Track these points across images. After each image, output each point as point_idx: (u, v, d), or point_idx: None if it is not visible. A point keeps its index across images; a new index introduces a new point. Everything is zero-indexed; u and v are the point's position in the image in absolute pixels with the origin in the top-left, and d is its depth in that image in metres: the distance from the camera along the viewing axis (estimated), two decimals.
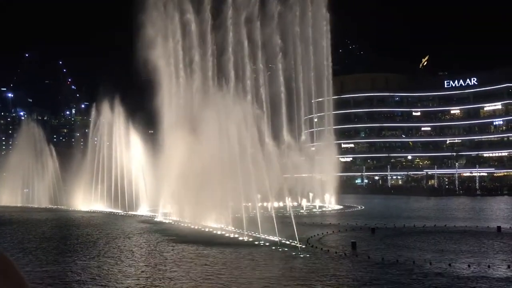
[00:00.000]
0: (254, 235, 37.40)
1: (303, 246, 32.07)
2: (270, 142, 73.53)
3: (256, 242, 34.58)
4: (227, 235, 39.28)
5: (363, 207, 70.15)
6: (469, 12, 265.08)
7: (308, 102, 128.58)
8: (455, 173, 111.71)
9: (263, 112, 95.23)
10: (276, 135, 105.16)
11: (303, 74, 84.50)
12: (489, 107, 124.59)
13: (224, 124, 45.19)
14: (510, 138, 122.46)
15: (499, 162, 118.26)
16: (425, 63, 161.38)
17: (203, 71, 74.07)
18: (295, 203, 72.43)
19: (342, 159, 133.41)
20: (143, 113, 75.26)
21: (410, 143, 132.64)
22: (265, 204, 56.32)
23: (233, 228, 41.19)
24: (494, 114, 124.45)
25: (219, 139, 45.79)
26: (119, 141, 74.60)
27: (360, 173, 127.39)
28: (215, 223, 45.21)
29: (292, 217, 40.91)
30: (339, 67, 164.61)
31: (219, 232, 40.79)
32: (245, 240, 36.41)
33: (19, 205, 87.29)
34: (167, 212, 56.86)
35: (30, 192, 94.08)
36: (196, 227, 44.48)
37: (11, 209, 77.39)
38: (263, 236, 35.92)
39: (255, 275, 23.58)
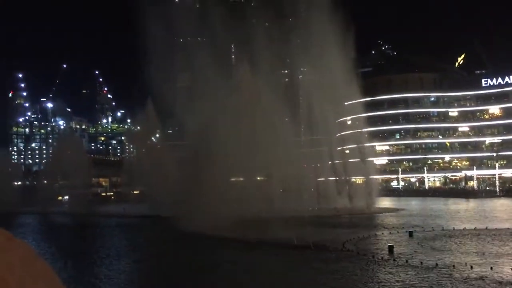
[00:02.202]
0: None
1: (341, 250, 31.86)
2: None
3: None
4: None
5: (400, 210, 68.92)
6: (506, 7, 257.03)
7: (340, 105, 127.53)
8: (495, 174, 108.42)
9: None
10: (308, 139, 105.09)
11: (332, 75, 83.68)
12: None
13: None
14: None
15: None
16: (461, 61, 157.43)
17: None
18: (331, 206, 71.74)
19: (377, 162, 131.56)
20: None
21: (447, 143, 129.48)
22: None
23: None
24: None
25: None
26: None
27: (396, 176, 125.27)
28: None
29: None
30: (372, 68, 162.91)
31: None
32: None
33: None
34: None
35: None
36: None
37: None
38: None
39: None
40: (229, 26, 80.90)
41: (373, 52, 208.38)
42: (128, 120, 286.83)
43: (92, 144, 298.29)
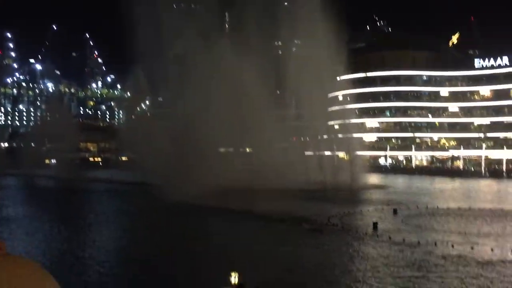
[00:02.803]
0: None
1: (326, 224, 32.29)
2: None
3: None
4: None
5: (386, 187, 69.68)
6: None
7: (333, 79, 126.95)
8: (481, 155, 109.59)
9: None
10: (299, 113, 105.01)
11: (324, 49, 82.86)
12: None
13: None
14: None
15: None
16: (455, 41, 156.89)
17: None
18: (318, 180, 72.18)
19: (366, 138, 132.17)
20: None
21: (437, 123, 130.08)
22: None
23: None
24: None
25: None
26: None
27: (384, 153, 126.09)
28: None
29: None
30: (365, 44, 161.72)
31: None
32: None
33: None
34: None
35: None
36: None
37: None
38: None
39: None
40: None
41: (367, 27, 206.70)
42: (118, 86, 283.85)
43: (81, 109, 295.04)
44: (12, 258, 1.49)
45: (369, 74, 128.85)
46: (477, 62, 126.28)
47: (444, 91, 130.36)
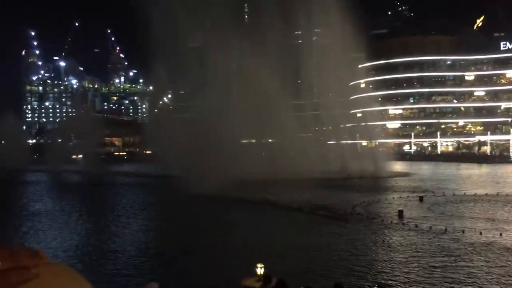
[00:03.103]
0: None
1: (351, 213, 32.13)
2: None
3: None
4: None
5: (411, 174, 68.83)
6: None
7: (354, 67, 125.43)
8: (509, 140, 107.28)
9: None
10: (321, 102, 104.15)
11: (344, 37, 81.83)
12: None
13: None
14: None
15: None
16: (480, 24, 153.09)
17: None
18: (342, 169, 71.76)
19: (390, 126, 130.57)
20: None
21: (462, 108, 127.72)
22: None
23: None
24: None
25: None
26: None
27: (408, 140, 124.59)
28: None
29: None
30: (387, 30, 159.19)
31: None
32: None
33: None
34: None
35: None
36: None
37: None
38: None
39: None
40: None
41: (389, 13, 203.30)
42: (141, 80, 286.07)
43: (105, 104, 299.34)
44: (53, 266, 1.53)
45: (392, 60, 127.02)
46: (503, 45, 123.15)
47: (470, 75, 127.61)
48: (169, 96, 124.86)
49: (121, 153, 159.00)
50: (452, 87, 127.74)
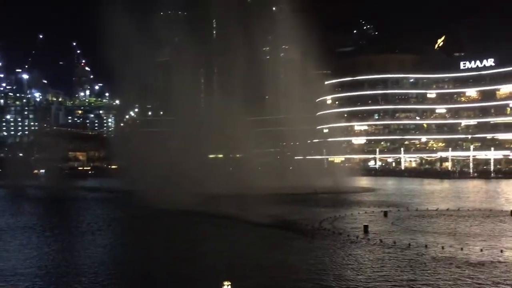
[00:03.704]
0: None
1: (318, 228, 32.46)
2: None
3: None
4: None
5: (376, 190, 70.07)
6: None
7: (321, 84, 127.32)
8: (469, 156, 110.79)
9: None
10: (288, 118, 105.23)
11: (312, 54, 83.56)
12: (505, 88, 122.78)
13: None
14: None
15: None
16: (441, 43, 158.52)
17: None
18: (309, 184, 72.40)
19: (356, 141, 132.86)
20: None
21: (425, 125, 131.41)
22: None
23: None
24: (510, 96, 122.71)
25: None
26: None
27: (373, 155, 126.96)
28: None
29: None
30: (353, 48, 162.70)
31: None
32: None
33: None
34: None
35: None
36: None
37: None
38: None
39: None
40: (211, 1, 79.92)
41: (354, 31, 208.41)
42: (107, 94, 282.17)
43: (69, 117, 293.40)
44: None
45: (357, 77, 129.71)
46: (463, 64, 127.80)
47: (431, 93, 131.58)
48: (136, 110, 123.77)
49: (85, 168, 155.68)
50: (415, 105, 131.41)
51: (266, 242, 29.12)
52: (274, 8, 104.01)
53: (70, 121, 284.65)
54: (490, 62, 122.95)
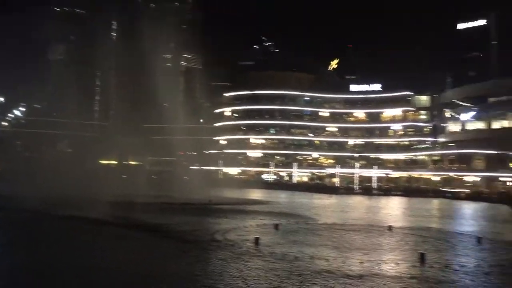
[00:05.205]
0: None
1: (210, 240, 32.37)
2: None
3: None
4: None
5: (269, 203, 71.82)
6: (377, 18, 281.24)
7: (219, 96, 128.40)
8: (355, 173, 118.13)
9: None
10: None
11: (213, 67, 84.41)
12: (389, 112, 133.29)
13: None
14: (405, 143, 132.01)
15: (395, 164, 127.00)
16: (335, 66, 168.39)
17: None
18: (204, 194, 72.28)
19: (252, 154, 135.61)
20: None
21: (317, 142, 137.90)
22: None
23: None
24: (393, 119, 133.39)
25: None
26: None
27: (268, 169, 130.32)
28: None
29: None
30: (254, 63, 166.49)
31: None
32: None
33: None
34: None
35: None
36: None
37: None
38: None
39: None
40: (112, 2, 77.41)
41: (256, 47, 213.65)
42: None
43: None
44: None
45: (256, 92, 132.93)
46: (353, 87, 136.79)
47: (324, 112, 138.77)
48: (23, 109, 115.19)
49: None
50: (309, 122, 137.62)
51: (153, 253, 28.39)
52: (178, 17, 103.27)
53: None
54: (377, 87, 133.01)
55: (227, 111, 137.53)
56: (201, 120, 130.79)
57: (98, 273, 22.25)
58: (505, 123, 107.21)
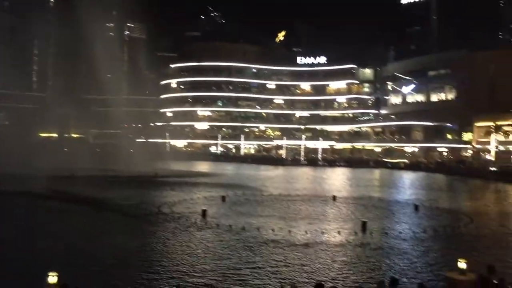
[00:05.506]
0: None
1: (156, 213, 32.19)
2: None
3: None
4: None
5: (217, 175, 71.96)
6: None
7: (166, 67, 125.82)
8: (301, 145, 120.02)
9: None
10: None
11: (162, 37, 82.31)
12: (334, 85, 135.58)
13: None
14: (350, 115, 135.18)
15: (340, 136, 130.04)
16: (282, 38, 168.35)
17: None
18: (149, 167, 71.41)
19: (199, 126, 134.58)
20: None
21: (264, 114, 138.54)
22: None
23: None
24: (338, 91, 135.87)
25: None
26: None
27: (215, 141, 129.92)
28: None
29: None
30: (200, 33, 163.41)
31: None
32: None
33: None
34: None
35: None
36: None
37: None
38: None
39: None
40: None
41: (202, 17, 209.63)
42: None
43: None
44: None
45: (202, 63, 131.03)
46: (299, 59, 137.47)
47: (271, 84, 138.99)
48: None
49: None
50: (256, 94, 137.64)
51: (100, 227, 27.95)
52: None
53: None
54: (322, 59, 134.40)
55: (173, 82, 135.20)
56: (147, 92, 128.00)
57: (36, 248, 21.66)
58: (442, 96, 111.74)
